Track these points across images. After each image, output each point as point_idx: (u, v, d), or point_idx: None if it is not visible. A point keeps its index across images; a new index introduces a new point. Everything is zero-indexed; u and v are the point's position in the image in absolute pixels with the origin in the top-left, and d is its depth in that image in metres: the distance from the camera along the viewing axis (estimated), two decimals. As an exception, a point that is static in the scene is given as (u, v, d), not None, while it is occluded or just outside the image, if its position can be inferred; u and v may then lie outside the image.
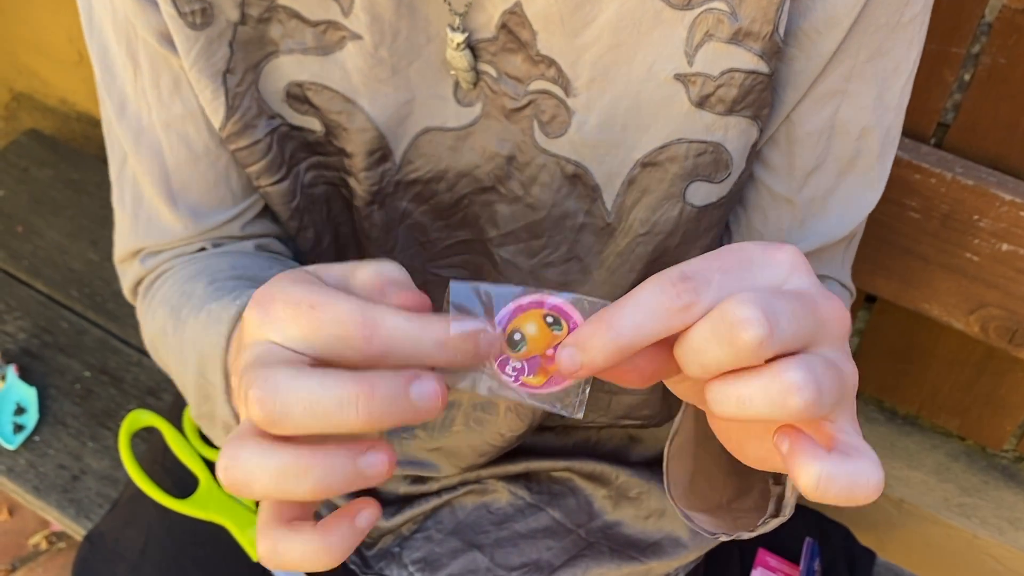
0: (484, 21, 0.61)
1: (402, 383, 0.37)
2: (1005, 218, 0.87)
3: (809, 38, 0.60)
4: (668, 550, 0.84)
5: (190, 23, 0.61)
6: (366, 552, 0.86)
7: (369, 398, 0.36)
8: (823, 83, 0.62)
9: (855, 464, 0.37)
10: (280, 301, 0.39)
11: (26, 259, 1.39)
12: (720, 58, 0.59)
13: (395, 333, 0.37)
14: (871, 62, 0.62)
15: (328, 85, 0.64)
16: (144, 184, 0.70)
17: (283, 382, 0.36)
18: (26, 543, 1.59)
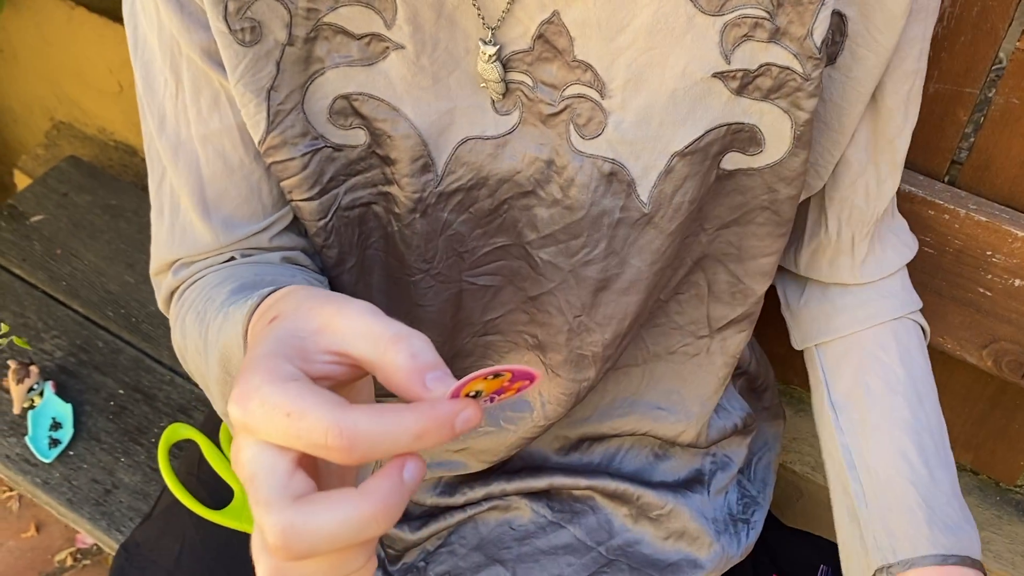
0: (519, 33, 0.62)
1: (399, 478, 0.38)
2: (1018, 254, 0.87)
3: (870, 39, 0.63)
4: (686, 570, 0.84)
5: (239, 40, 0.61)
6: (390, 567, 0.86)
7: (384, 511, 0.37)
8: (903, 65, 0.65)
9: None
10: (257, 401, 0.38)
11: (64, 280, 1.39)
12: (758, 54, 0.61)
13: (375, 440, 0.37)
14: (923, 50, 0.66)
15: (373, 94, 0.65)
16: (181, 196, 0.70)
17: (299, 522, 0.37)
18: (52, 559, 1.59)
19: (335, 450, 0.37)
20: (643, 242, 0.68)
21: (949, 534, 0.72)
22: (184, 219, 0.70)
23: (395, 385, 0.40)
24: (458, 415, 0.38)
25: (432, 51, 0.63)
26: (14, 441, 1.23)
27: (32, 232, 1.46)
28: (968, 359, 0.97)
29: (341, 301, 0.44)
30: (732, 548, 0.86)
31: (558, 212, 0.67)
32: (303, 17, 0.62)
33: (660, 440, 0.85)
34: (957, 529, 0.73)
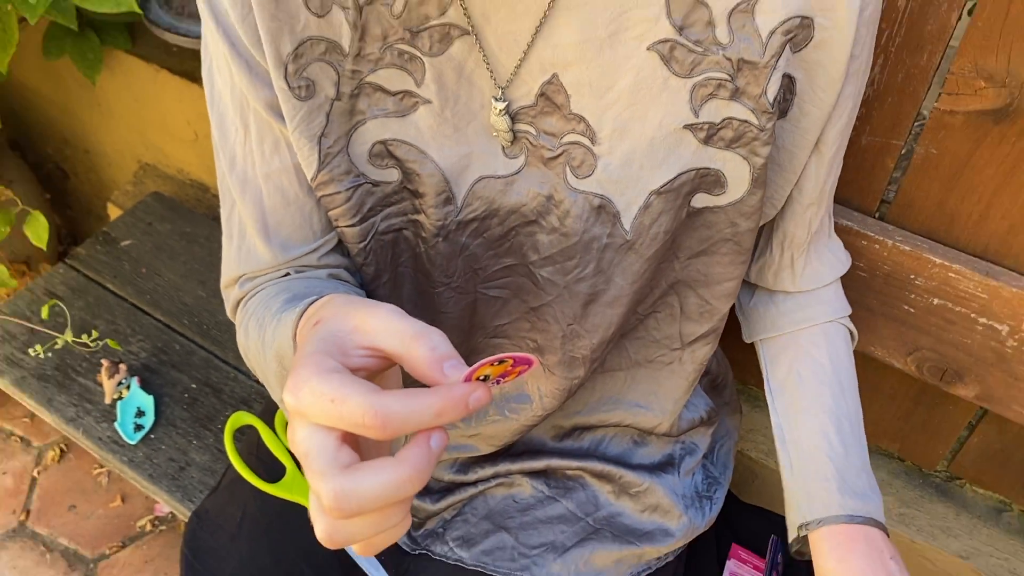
0: (525, 91, 0.62)
1: (428, 447, 0.39)
2: (936, 278, 0.87)
3: (815, 98, 0.63)
4: (659, 538, 0.83)
5: (297, 96, 0.62)
6: (414, 532, 0.86)
7: (417, 474, 0.39)
8: (840, 119, 0.65)
9: None
10: (306, 390, 0.39)
11: (148, 294, 1.41)
12: (721, 110, 0.61)
13: (404, 418, 0.38)
14: (855, 106, 0.66)
15: (405, 140, 0.65)
16: (247, 223, 0.70)
17: (348, 486, 0.38)
18: (134, 525, 1.60)
19: (371, 428, 0.38)
20: (625, 264, 0.68)
21: (857, 500, 0.72)
22: (249, 242, 0.71)
23: (419, 373, 0.41)
24: (471, 395, 0.40)
25: (454, 105, 0.64)
26: (105, 426, 1.23)
27: (122, 254, 1.47)
28: (895, 364, 0.97)
29: (372, 305, 0.45)
30: (698, 520, 0.86)
31: (556, 238, 0.68)
32: (348, 77, 0.63)
33: (639, 430, 0.85)
34: (864, 496, 0.73)
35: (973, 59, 0.74)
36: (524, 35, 0.60)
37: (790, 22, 0.58)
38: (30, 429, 1.74)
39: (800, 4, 0.58)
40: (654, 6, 0.58)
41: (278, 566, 0.82)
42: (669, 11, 0.58)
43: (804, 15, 0.58)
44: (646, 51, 0.59)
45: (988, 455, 1.07)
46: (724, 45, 0.59)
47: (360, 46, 0.62)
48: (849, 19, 0.58)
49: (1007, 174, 0.80)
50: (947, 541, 1.08)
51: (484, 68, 0.62)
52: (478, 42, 0.61)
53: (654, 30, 0.58)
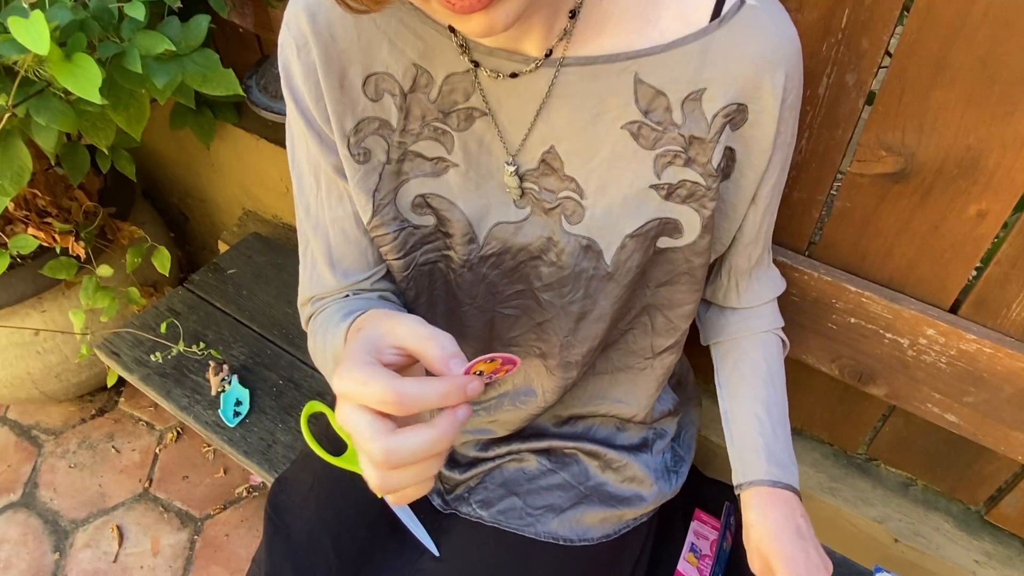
0: (530, 158, 0.63)
1: (454, 416, 0.42)
2: (852, 302, 0.88)
3: (750, 164, 0.64)
4: (635, 503, 0.83)
5: (357, 160, 0.64)
6: (447, 496, 0.86)
7: (447, 434, 0.42)
8: (770, 180, 0.66)
9: None
10: (347, 378, 0.42)
11: (247, 311, 1.41)
12: (678, 173, 0.62)
13: (416, 398, 0.41)
14: (783, 170, 0.67)
15: (439, 194, 0.66)
16: (317, 257, 0.71)
17: (394, 444, 0.41)
18: (233, 492, 1.61)
19: (391, 404, 0.41)
20: (607, 290, 0.68)
21: (779, 469, 0.73)
22: (319, 271, 0.71)
23: (432, 366, 0.43)
24: (468, 384, 0.42)
25: (476, 168, 0.65)
26: (211, 413, 1.24)
27: (228, 280, 1.48)
28: (823, 369, 0.97)
29: (400, 315, 0.47)
30: (666, 488, 0.86)
31: (554, 270, 0.68)
32: (396, 146, 0.64)
33: (620, 419, 0.85)
34: (785, 467, 0.73)
35: (876, 134, 0.75)
36: (528, 116, 0.61)
37: (729, 107, 0.59)
38: (154, 416, 1.76)
39: (736, 94, 0.59)
40: (625, 95, 0.59)
41: (339, 521, 0.82)
42: (636, 100, 0.59)
43: (740, 102, 0.59)
44: (620, 129, 0.60)
45: (897, 441, 1.06)
46: (679, 125, 0.60)
47: (405, 123, 0.63)
48: (774, 106, 0.59)
49: (905, 222, 0.80)
50: (866, 509, 1.07)
51: (498, 140, 0.63)
52: (494, 121, 0.62)
53: (625, 113, 0.60)
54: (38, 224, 1.34)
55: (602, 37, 0.58)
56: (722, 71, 0.58)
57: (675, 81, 0.58)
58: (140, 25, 0.88)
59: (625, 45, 0.57)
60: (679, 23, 0.57)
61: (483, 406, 0.83)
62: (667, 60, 0.57)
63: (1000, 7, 0.63)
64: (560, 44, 0.58)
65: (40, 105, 0.88)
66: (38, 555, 1.52)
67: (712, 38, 0.57)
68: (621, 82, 0.58)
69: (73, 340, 1.50)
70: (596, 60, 0.58)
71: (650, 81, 0.58)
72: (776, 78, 0.58)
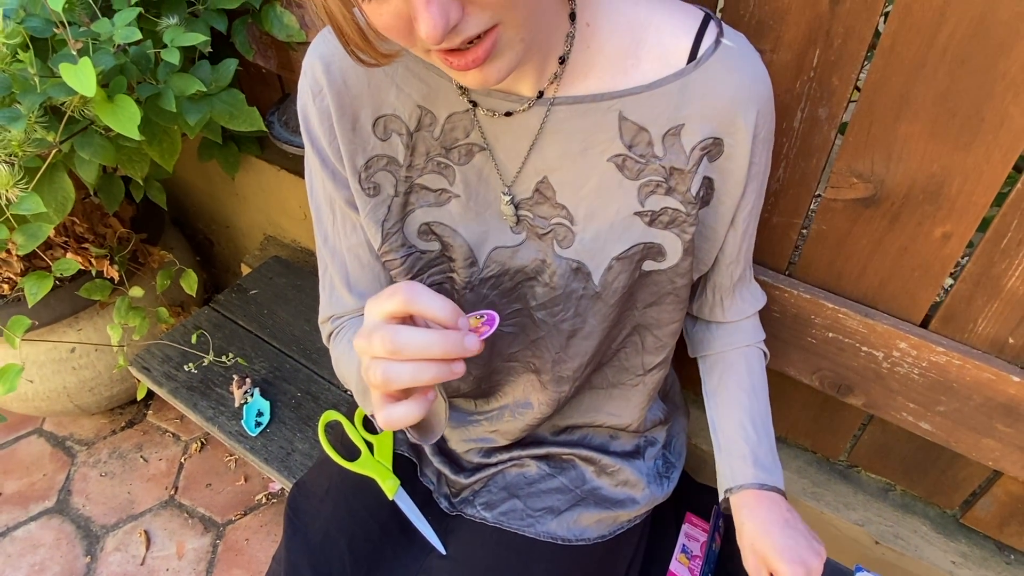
0: (524, 188, 0.64)
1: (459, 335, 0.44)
2: (829, 318, 0.88)
3: (727, 192, 0.65)
4: (628, 505, 0.83)
5: (367, 194, 0.65)
6: (453, 499, 0.86)
7: (444, 344, 0.43)
8: (746, 206, 0.67)
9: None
10: (359, 335, 0.46)
11: (268, 329, 1.42)
12: (660, 201, 0.63)
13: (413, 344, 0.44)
14: (758, 196, 0.68)
15: (442, 222, 0.67)
16: (335, 280, 0.73)
17: (398, 331, 0.44)
18: (253, 499, 1.61)
19: (390, 352, 0.43)
20: (595, 309, 0.69)
21: (765, 473, 0.74)
22: (337, 293, 0.73)
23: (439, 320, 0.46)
24: (465, 338, 0.45)
25: (476, 198, 0.66)
26: (234, 423, 1.25)
27: (250, 300, 1.49)
28: (804, 381, 0.97)
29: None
30: (658, 492, 0.86)
31: (548, 290, 0.69)
32: (403, 180, 0.65)
33: (614, 429, 0.85)
34: (770, 471, 0.74)
35: (848, 163, 0.76)
36: (522, 150, 0.62)
37: (706, 141, 0.60)
38: (179, 427, 1.77)
39: (712, 128, 0.60)
40: (610, 131, 0.60)
41: (353, 521, 0.82)
42: (621, 135, 0.60)
43: (716, 136, 0.60)
44: (606, 162, 0.61)
45: (875, 448, 1.06)
46: (660, 157, 0.61)
47: (411, 159, 0.64)
48: (747, 140, 0.61)
49: (876, 243, 0.81)
50: (848, 513, 1.07)
51: (496, 173, 0.64)
52: (492, 155, 0.63)
53: (611, 147, 0.61)
54: (76, 249, 1.37)
55: (589, 79, 0.59)
56: (698, 108, 0.59)
57: (656, 118, 0.60)
58: (175, 68, 0.91)
59: (610, 86, 0.59)
60: (659, 65, 0.59)
61: (486, 416, 0.84)
62: (648, 99, 0.59)
63: (958, 47, 0.64)
64: (551, 86, 0.59)
65: (84, 141, 0.91)
66: (71, 558, 1.53)
67: (689, 79, 0.58)
68: (607, 119, 0.60)
69: (106, 357, 1.52)
70: (583, 99, 0.59)
71: (633, 118, 0.60)
72: (748, 115, 0.60)
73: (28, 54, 0.80)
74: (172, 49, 0.88)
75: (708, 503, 1.01)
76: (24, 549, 1.54)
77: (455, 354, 0.44)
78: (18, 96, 0.81)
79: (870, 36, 0.68)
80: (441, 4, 0.43)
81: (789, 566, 0.66)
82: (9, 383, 1.06)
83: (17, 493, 1.65)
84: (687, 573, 0.92)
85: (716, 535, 0.95)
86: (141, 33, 0.82)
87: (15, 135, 0.82)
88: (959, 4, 0.62)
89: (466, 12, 0.45)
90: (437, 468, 0.87)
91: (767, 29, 0.72)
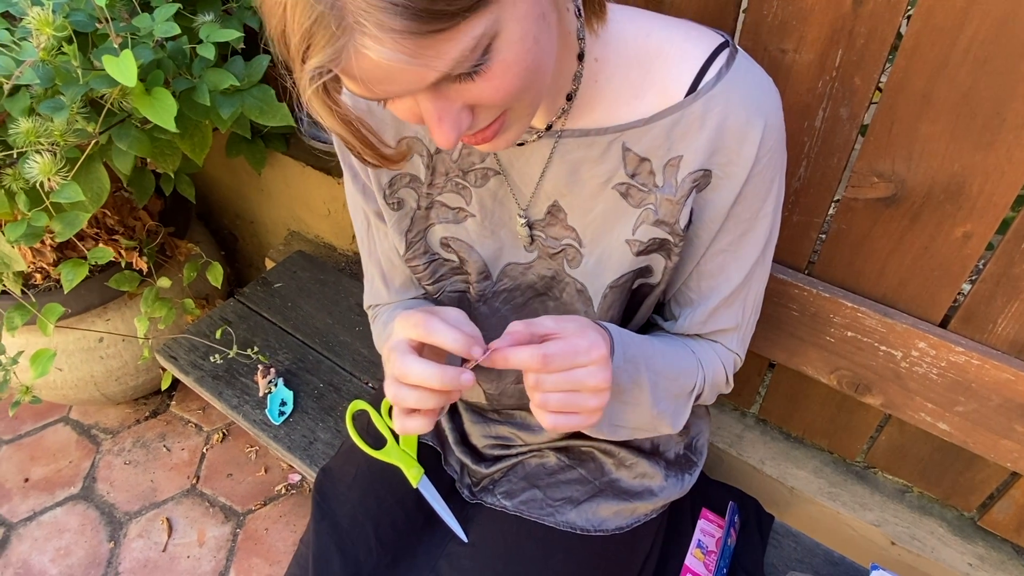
0: (538, 210, 0.67)
1: (456, 372, 0.49)
2: (848, 317, 0.88)
3: (704, 224, 0.64)
4: (646, 497, 0.84)
5: (391, 207, 0.70)
6: (474, 488, 0.87)
7: (441, 378, 0.48)
8: (716, 244, 0.66)
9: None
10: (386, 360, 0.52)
11: (291, 321, 1.44)
12: (649, 232, 0.64)
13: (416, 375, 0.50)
14: (742, 236, 0.65)
15: (460, 238, 0.70)
16: (374, 277, 0.80)
17: (405, 362, 0.51)
18: (273, 489, 1.63)
19: (396, 376, 0.51)
20: None
21: (624, 349, 0.64)
22: (376, 287, 0.81)
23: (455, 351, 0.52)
24: (461, 375, 0.50)
25: (491, 218, 0.69)
26: (258, 412, 1.26)
27: (275, 293, 1.51)
28: (822, 380, 0.97)
29: (438, 309, 0.55)
30: (676, 486, 0.86)
31: (557, 305, 0.71)
32: (424, 197, 0.69)
33: None
34: (631, 357, 0.65)
35: (869, 162, 0.77)
36: (535, 175, 0.64)
37: (696, 172, 0.61)
38: (202, 418, 1.79)
39: (704, 160, 0.60)
40: (615, 161, 0.62)
41: (379, 507, 0.84)
42: (625, 165, 0.62)
43: (706, 168, 0.60)
44: (611, 189, 0.63)
45: (893, 449, 1.06)
46: (660, 187, 0.62)
47: (431, 178, 0.68)
48: (741, 172, 0.60)
49: (896, 243, 0.81)
50: (864, 513, 1.07)
51: (510, 195, 0.67)
52: (506, 179, 0.66)
53: (616, 176, 0.62)
54: (106, 240, 1.41)
55: (596, 111, 0.61)
56: (694, 140, 0.59)
57: (656, 149, 0.61)
58: (209, 64, 0.94)
59: (614, 119, 0.61)
60: (660, 98, 0.59)
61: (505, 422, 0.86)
62: (649, 131, 0.60)
63: (980, 47, 0.65)
64: (559, 120, 0.61)
65: (121, 133, 0.94)
66: (95, 543, 1.56)
67: (686, 112, 0.58)
68: (612, 150, 0.61)
69: (132, 347, 1.56)
70: (589, 132, 0.61)
71: (636, 149, 0.61)
72: (746, 148, 0.59)
73: (72, 47, 0.83)
74: (207, 45, 0.90)
75: (724, 499, 1.03)
76: (50, 533, 1.58)
77: (450, 387, 0.50)
78: (61, 87, 0.84)
79: (892, 37, 0.69)
80: (452, 120, 0.45)
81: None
82: (42, 367, 1.09)
83: (44, 479, 1.68)
84: (702, 568, 0.93)
85: (732, 531, 0.97)
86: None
87: (57, 125, 0.85)
88: (982, 5, 0.63)
89: (475, 113, 0.47)
90: (459, 458, 0.89)
91: (790, 29, 0.73)
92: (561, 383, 0.52)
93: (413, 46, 0.38)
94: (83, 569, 1.52)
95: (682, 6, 0.80)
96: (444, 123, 0.45)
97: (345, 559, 0.80)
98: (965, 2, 0.64)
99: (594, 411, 0.54)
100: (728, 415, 1.20)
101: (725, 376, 0.75)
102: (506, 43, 0.42)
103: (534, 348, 0.51)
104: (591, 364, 0.53)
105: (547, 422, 0.53)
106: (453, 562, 0.79)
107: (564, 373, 0.52)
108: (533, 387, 0.53)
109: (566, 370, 0.52)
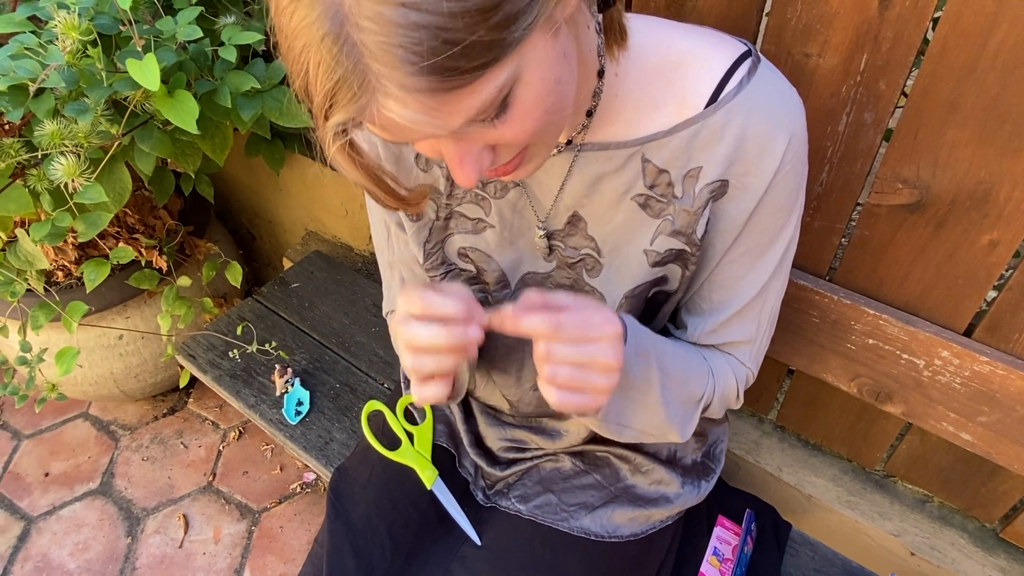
0: (557, 221, 0.67)
1: (463, 327, 0.50)
2: (870, 324, 0.87)
3: (719, 233, 0.64)
4: (662, 504, 0.83)
5: (412, 219, 0.71)
6: (488, 491, 0.87)
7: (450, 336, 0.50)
8: (731, 254, 0.65)
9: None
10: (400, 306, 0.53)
11: (308, 321, 1.45)
12: (666, 242, 0.64)
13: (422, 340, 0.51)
14: (758, 248, 0.65)
15: (478, 248, 0.70)
16: (393, 283, 0.82)
17: (411, 331, 0.52)
18: (288, 488, 1.64)
19: (407, 346, 0.53)
20: None
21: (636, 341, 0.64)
22: (394, 294, 0.82)
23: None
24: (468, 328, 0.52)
25: (510, 229, 0.69)
26: (275, 411, 1.27)
27: (292, 293, 1.52)
28: (842, 388, 0.96)
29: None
30: (693, 493, 0.86)
31: None
32: (443, 208, 0.70)
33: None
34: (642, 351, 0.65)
35: (893, 168, 0.76)
36: (554, 187, 0.64)
37: (714, 183, 0.60)
38: (219, 416, 1.81)
39: (722, 171, 0.60)
40: (634, 172, 0.62)
41: (393, 509, 0.84)
42: (644, 176, 0.62)
43: (724, 179, 0.60)
44: (630, 200, 0.63)
45: (913, 458, 1.05)
46: (679, 198, 0.62)
47: (451, 189, 0.68)
48: (760, 184, 0.59)
49: (919, 251, 0.81)
50: (883, 523, 1.06)
51: (530, 207, 0.67)
52: (526, 192, 0.66)
53: (635, 187, 0.62)
54: (127, 239, 1.42)
55: (615, 125, 0.61)
56: (714, 151, 0.59)
57: (676, 160, 0.60)
58: (231, 66, 0.95)
59: (634, 132, 0.60)
60: (679, 109, 0.59)
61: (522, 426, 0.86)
62: (668, 143, 0.60)
63: (1009, 52, 0.64)
64: (579, 135, 0.61)
65: (144, 134, 0.95)
66: (113, 538, 1.58)
67: (706, 123, 0.58)
68: (631, 162, 0.61)
69: (152, 345, 1.57)
70: (608, 146, 0.61)
71: (655, 161, 0.61)
72: (765, 160, 0.58)
73: (96, 50, 0.84)
74: (229, 47, 0.91)
75: (741, 507, 1.02)
76: (69, 528, 1.60)
77: (460, 343, 0.50)
78: (85, 90, 0.86)
79: (919, 41, 0.68)
80: (474, 161, 0.46)
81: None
82: (66, 365, 1.10)
83: (63, 474, 1.71)
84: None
85: (748, 539, 0.96)
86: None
87: (82, 127, 0.87)
88: (1011, 10, 0.62)
89: (496, 151, 0.47)
90: (474, 460, 0.89)
91: (814, 33, 0.73)
92: (572, 356, 0.51)
93: (435, 103, 0.39)
94: (101, 564, 1.53)
95: (704, 10, 0.79)
96: (466, 165, 0.46)
97: (359, 559, 0.80)
98: (994, 6, 0.63)
99: (603, 391, 0.53)
100: (745, 421, 1.19)
101: (736, 390, 0.74)
102: (527, 88, 0.42)
103: (547, 314, 0.50)
104: (603, 339, 0.52)
105: (553, 398, 0.52)
106: (466, 565, 0.79)
107: (575, 346, 0.51)
108: (543, 358, 0.51)
109: (577, 341, 0.51)
